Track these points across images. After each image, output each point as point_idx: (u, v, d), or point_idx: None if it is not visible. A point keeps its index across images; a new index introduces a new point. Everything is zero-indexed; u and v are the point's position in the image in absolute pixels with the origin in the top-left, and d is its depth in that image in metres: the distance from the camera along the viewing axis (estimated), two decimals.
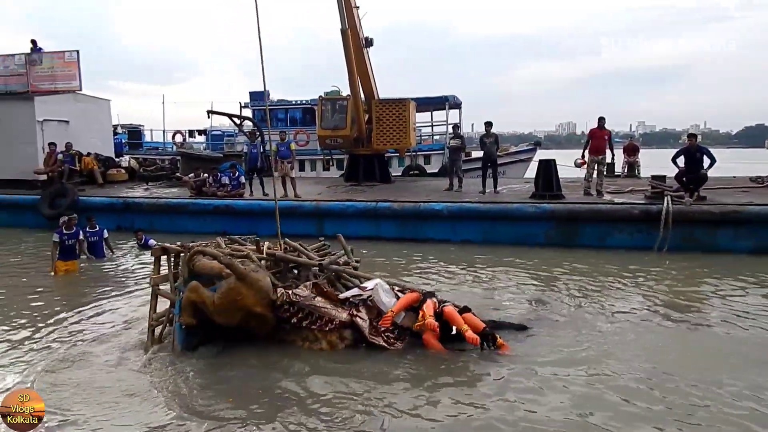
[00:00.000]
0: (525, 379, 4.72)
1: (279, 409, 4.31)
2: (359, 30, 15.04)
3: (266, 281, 5.34)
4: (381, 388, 4.60)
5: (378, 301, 5.59)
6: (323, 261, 6.12)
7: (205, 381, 4.87)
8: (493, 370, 4.93)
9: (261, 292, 5.22)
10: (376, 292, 5.65)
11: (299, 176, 21.14)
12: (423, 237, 11.47)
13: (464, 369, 5.01)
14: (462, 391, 4.57)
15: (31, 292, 8.08)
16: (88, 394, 4.57)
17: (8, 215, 14.28)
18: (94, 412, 4.27)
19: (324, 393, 4.52)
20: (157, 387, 4.74)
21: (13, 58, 17.46)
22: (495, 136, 13.40)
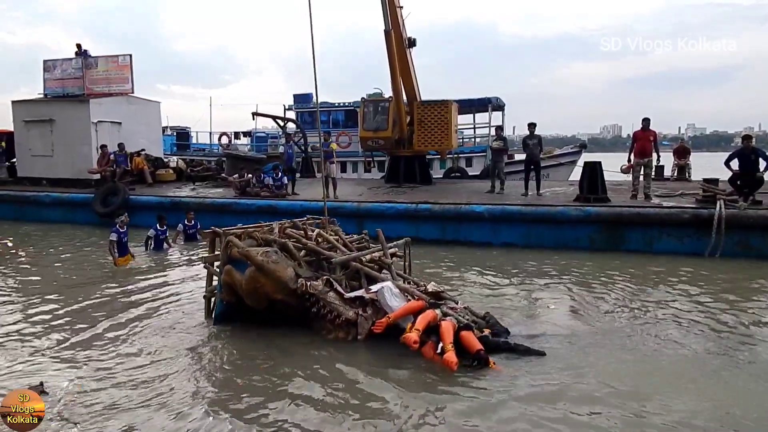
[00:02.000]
0: (492, 412, 4.20)
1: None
2: (402, 30, 14.97)
3: (284, 272, 5.66)
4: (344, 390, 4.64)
5: (384, 304, 5.63)
6: (342, 257, 6.30)
7: (231, 351, 5.60)
8: (475, 391, 4.55)
9: (279, 282, 5.62)
10: (381, 295, 5.69)
11: (340, 177, 21.46)
12: (463, 239, 11.37)
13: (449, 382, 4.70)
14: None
15: (94, 278, 8.82)
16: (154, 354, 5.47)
17: (64, 212, 14.93)
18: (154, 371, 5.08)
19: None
20: (195, 352, 5.55)
21: (71, 62, 18.29)
22: (538, 137, 13.19)
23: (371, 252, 6.65)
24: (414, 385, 4.73)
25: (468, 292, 7.93)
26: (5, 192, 16.17)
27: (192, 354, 5.50)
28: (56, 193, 15.45)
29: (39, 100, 18.03)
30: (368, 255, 6.58)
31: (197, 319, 6.55)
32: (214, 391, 4.68)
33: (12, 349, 5.63)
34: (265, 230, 6.74)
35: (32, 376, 4.90)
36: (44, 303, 7.31)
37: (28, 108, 17.51)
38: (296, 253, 6.18)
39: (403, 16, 15.08)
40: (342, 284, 5.98)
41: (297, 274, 5.83)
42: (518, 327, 6.08)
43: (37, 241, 12.26)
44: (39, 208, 15.27)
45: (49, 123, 16.82)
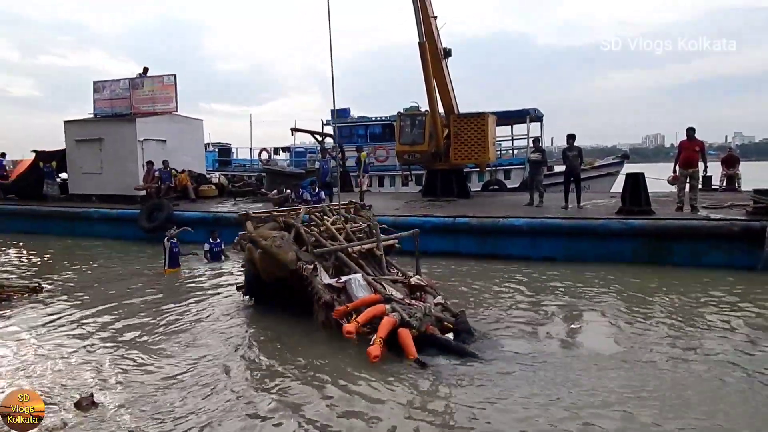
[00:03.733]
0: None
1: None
2: (437, 41, 14.86)
3: (286, 256, 6.76)
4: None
5: (351, 294, 6.41)
6: (324, 248, 7.24)
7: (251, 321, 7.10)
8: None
9: (280, 264, 6.82)
10: (349, 285, 6.50)
11: (378, 191, 21.56)
12: (502, 253, 11.19)
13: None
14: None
15: (139, 289, 9.24)
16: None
17: (111, 228, 15.43)
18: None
19: None
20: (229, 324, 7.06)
21: (119, 83, 19.06)
22: (578, 149, 12.95)
23: (362, 244, 7.52)
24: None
25: (489, 302, 7.87)
26: (57, 208, 16.86)
27: (236, 359, 5.80)
28: (104, 209, 16.01)
29: (89, 120, 18.82)
30: (357, 247, 7.41)
31: (233, 322, 7.13)
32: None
33: (63, 360, 5.82)
34: (291, 214, 8.07)
35: (83, 386, 5.07)
36: (94, 313, 7.57)
37: (79, 127, 18.29)
38: (307, 238, 7.30)
39: (438, 27, 14.96)
40: (329, 271, 6.93)
41: (298, 257, 6.82)
42: (510, 339, 6.19)
43: (86, 255, 12.72)
44: (88, 224, 15.83)
45: (99, 141, 17.51)
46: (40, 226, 16.36)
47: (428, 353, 5.55)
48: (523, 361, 5.49)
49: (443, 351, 5.61)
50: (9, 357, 5.91)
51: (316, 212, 8.52)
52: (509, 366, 5.37)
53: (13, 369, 5.56)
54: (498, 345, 6.05)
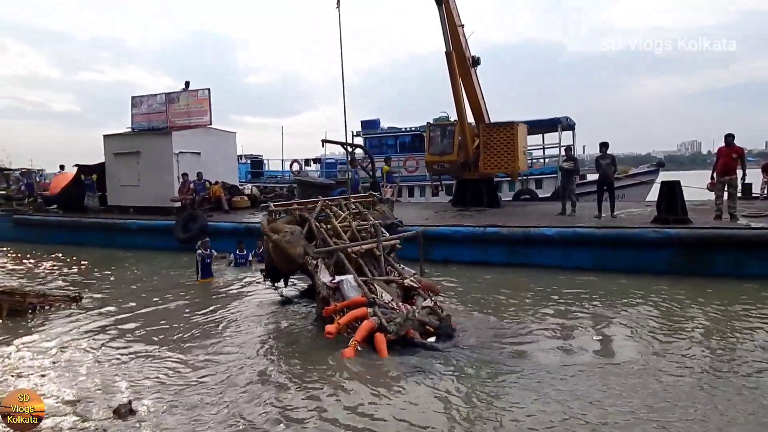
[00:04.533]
0: None
1: None
2: (465, 49, 14.77)
3: (294, 250, 7.44)
4: None
5: (343, 294, 6.90)
6: (321, 248, 7.73)
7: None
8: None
9: (287, 257, 7.51)
10: (342, 286, 6.95)
11: (408, 201, 21.57)
12: (533, 263, 11.05)
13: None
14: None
15: (174, 297, 9.50)
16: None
17: (147, 238, 15.83)
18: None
19: None
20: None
21: (156, 98, 19.63)
22: (611, 157, 12.73)
23: (362, 244, 7.88)
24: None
25: (517, 312, 7.81)
26: (97, 220, 17.39)
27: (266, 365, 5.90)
28: (141, 220, 16.44)
29: (127, 134, 19.41)
30: (357, 247, 7.75)
31: (261, 330, 7.36)
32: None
33: (101, 367, 6.01)
34: (308, 207, 8.70)
35: (121, 393, 5.22)
36: (130, 322, 7.80)
37: (118, 141, 18.87)
38: (321, 231, 7.93)
39: (466, 35, 14.88)
40: (330, 269, 7.37)
41: (305, 252, 7.42)
42: (535, 349, 6.19)
43: (123, 265, 13.08)
44: (126, 235, 16.28)
45: (136, 155, 18.02)
46: (81, 237, 16.89)
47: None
48: (545, 371, 5.45)
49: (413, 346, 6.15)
50: (49, 365, 6.11)
51: (333, 206, 8.98)
52: (528, 375, 5.37)
53: (53, 376, 5.75)
54: (523, 354, 6.04)
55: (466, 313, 7.88)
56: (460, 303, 8.59)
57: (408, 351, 6.06)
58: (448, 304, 8.25)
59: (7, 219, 19.13)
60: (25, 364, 6.12)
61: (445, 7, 13.49)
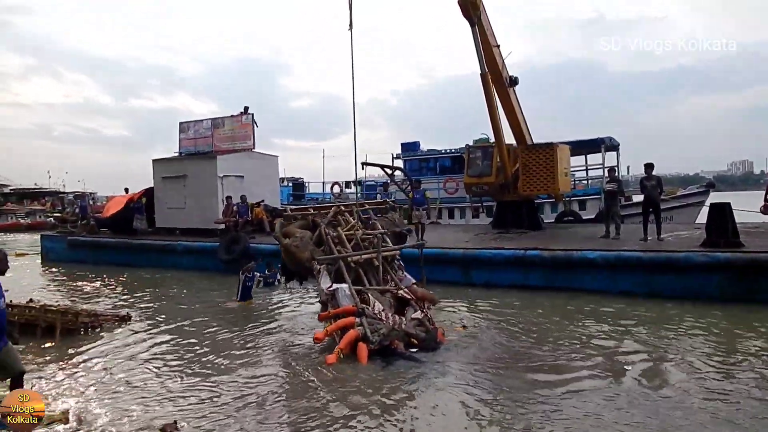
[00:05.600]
0: None
1: None
2: (502, 69, 14.53)
3: (302, 254, 8.04)
4: None
5: (337, 301, 7.37)
6: (323, 256, 8.04)
7: None
8: None
9: (297, 260, 8.14)
10: (337, 293, 7.43)
11: (448, 223, 21.48)
12: (576, 287, 10.81)
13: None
14: None
15: (222, 315, 9.69)
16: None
17: (192, 259, 16.26)
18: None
19: None
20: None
21: (202, 123, 20.31)
22: (657, 178, 12.39)
23: (362, 254, 8.22)
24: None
25: (556, 337, 7.62)
26: (145, 242, 18.00)
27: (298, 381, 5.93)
28: (187, 242, 16.92)
29: (174, 158, 20.11)
30: (356, 257, 8.12)
31: (295, 352, 7.44)
32: None
33: (148, 386, 6.18)
34: (322, 213, 9.21)
35: (167, 413, 5.35)
36: (175, 342, 8.03)
37: (166, 165, 19.57)
38: (326, 238, 8.29)
39: (503, 56, 14.71)
40: (331, 275, 7.77)
41: (312, 257, 7.92)
42: (573, 375, 6.00)
43: (169, 285, 13.46)
44: (173, 256, 16.77)
45: (183, 178, 18.63)
46: (130, 258, 17.50)
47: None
48: (583, 398, 5.33)
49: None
50: (98, 384, 6.32)
51: (347, 212, 9.36)
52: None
53: (103, 395, 5.94)
54: (561, 380, 5.92)
55: (482, 333, 8.01)
56: (486, 323, 8.67)
57: (390, 360, 6.57)
58: (472, 324, 8.32)
59: (62, 240, 20.03)
60: (76, 383, 6.34)
61: (479, 27, 13.46)
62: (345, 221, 9.18)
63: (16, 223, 44.23)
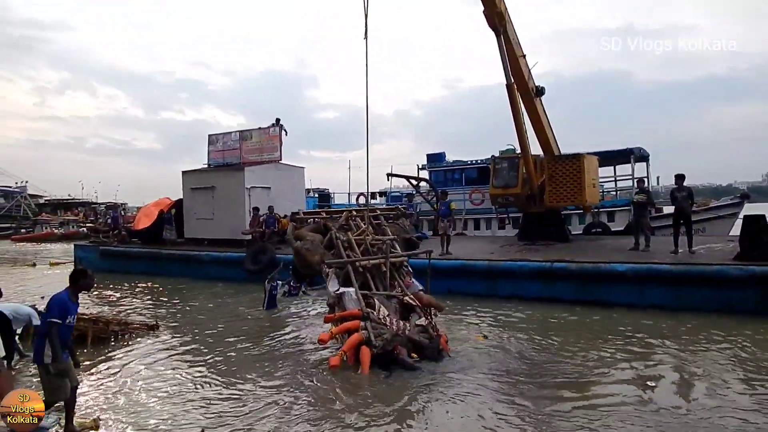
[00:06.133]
0: None
1: None
2: (528, 80, 14.39)
3: (312, 258, 8.28)
4: None
5: (344, 304, 7.53)
6: (331, 260, 8.25)
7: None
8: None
9: (307, 263, 8.37)
10: (343, 297, 7.58)
11: (474, 234, 21.36)
12: (604, 300, 10.62)
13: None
14: None
15: (248, 324, 9.61)
16: None
17: (220, 269, 16.47)
18: None
19: None
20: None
21: (230, 135, 20.67)
22: (688, 189, 12.14)
23: (370, 259, 8.33)
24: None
25: (581, 350, 7.50)
26: (173, 252, 18.32)
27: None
28: (214, 252, 17.17)
29: (203, 170, 20.47)
30: (364, 261, 8.22)
31: (316, 361, 7.43)
32: None
33: (176, 393, 6.29)
34: (334, 217, 9.49)
35: (195, 420, 5.45)
36: (202, 350, 8.14)
37: (195, 177, 19.92)
38: (337, 242, 8.49)
39: (529, 66, 14.59)
40: (340, 278, 7.91)
41: (322, 260, 8.16)
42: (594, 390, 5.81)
43: (197, 295, 13.65)
44: (200, 266, 17.02)
45: (211, 189, 18.94)
46: (159, 268, 17.81)
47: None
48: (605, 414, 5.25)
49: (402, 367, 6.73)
50: (127, 391, 6.45)
51: (358, 217, 9.49)
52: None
53: (130, 401, 6.07)
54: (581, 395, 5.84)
55: (503, 343, 8.02)
56: (508, 334, 8.65)
57: (394, 369, 6.68)
58: (492, 334, 8.26)
59: (94, 250, 20.53)
60: (106, 390, 6.48)
61: (504, 38, 13.41)
62: (356, 226, 9.33)
63: (50, 233, 45.47)
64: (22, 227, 51.70)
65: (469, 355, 7.51)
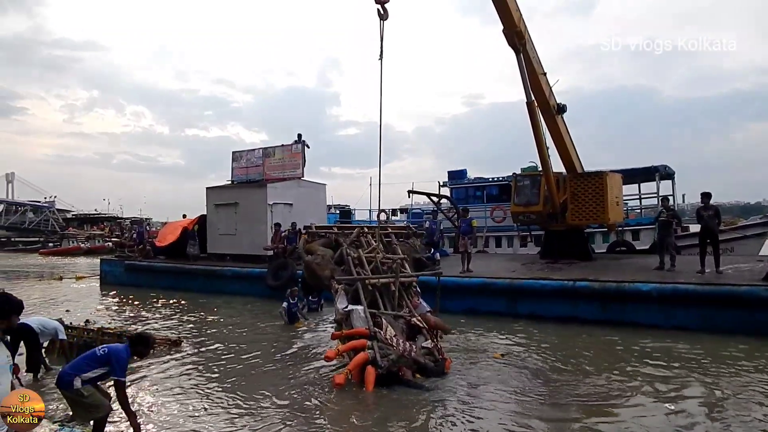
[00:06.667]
0: None
1: None
2: (549, 97, 14.31)
3: (322, 272, 8.34)
4: None
5: (351, 322, 7.53)
6: (341, 276, 8.27)
7: None
8: None
9: (318, 277, 8.46)
10: (351, 315, 7.59)
11: (495, 252, 21.22)
12: (627, 320, 10.43)
13: None
14: None
15: (267, 339, 9.71)
16: None
17: (241, 285, 16.62)
18: None
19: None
20: None
21: (254, 152, 20.97)
22: (714, 208, 11.91)
23: (380, 277, 8.34)
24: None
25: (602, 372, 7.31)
26: (196, 267, 18.54)
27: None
28: (236, 267, 17.33)
29: (227, 186, 20.77)
30: (374, 280, 8.23)
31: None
32: None
33: (200, 407, 6.35)
34: (345, 232, 9.54)
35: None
36: (224, 365, 8.21)
37: (219, 193, 20.22)
38: (347, 259, 8.50)
39: (550, 83, 14.54)
40: (348, 294, 7.96)
41: (332, 275, 8.20)
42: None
43: (219, 310, 13.77)
44: (222, 281, 17.20)
45: (234, 206, 19.19)
46: (183, 283, 18.03)
47: None
48: None
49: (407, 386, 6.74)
50: (150, 405, 6.52)
51: (369, 234, 9.52)
52: None
53: (154, 414, 6.14)
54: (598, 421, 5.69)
55: (520, 362, 7.95)
56: (526, 353, 8.59)
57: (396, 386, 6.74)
58: (509, 352, 8.11)
59: (120, 264, 20.89)
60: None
61: (524, 56, 13.42)
62: (367, 243, 9.34)
63: (77, 247, 46.50)
64: (49, 241, 52.95)
65: (483, 372, 7.47)
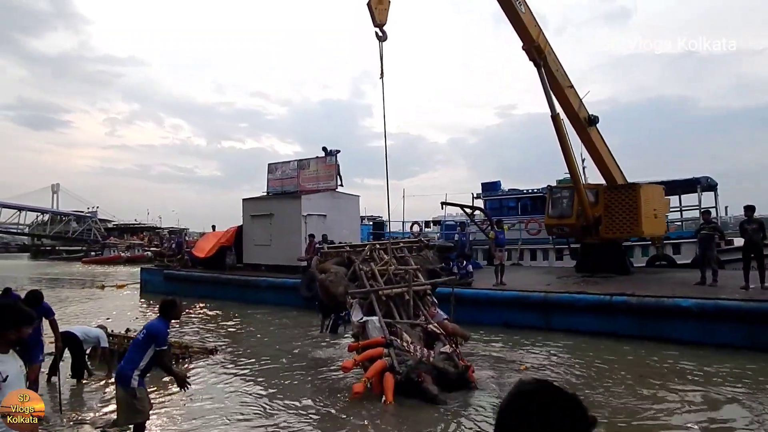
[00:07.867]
0: None
1: None
2: (579, 110, 14.10)
3: (336, 289, 8.46)
4: None
5: (367, 333, 7.65)
6: (354, 289, 8.45)
7: None
8: None
9: (329, 294, 8.58)
10: (367, 325, 7.70)
11: (530, 265, 20.94)
12: (667, 337, 10.13)
13: None
14: None
15: (306, 347, 9.81)
16: None
17: (275, 295, 16.81)
18: None
19: None
20: None
21: (289, 164, 21.30)
22: (759, 222, 11.49)
23: (393, 288, 8.44)
24: None
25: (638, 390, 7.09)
26: (232, 277, 18.88)
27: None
28: (270, 278, 17.56)
29: (262, 198, 21.15)
30: (387, 290, 8.33)
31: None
32: None
33: (237, 416, 6.44)
34: (357, 250, 9.65)
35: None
36: (258, 375, 8.34)
37: (254, 204, 20.60)
38: (360, 273, 8.63)
39: (579, 95, 14.33)
40: (363, 308, 8.02)
41: (346, 291, 8.33)
42: None
43: (253, 320, 13.99)
44: (257, 291, 17.45)
45: (269, 217, 19.52)
46: (219, 292, 18.38)
47: None
48: None
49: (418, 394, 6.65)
50: (186, 413, 6.68)
51: (381, 249, 9.62)
52: None
53: (189, 422, 6.26)
54: None
55: (546, 375, 7.75)
56: (555, 366, 8.48)
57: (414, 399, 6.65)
58: (537, 365, 7.90)
59: (159, 273, 21.45)
60: (165, 411, 6.72)
61: (545, 69, 13.26)
62: (379, 258, 9.45)
63: (118, 256, 47.98)
64: (92, 250, 54.72)
65: (507, 384, 7.37)
